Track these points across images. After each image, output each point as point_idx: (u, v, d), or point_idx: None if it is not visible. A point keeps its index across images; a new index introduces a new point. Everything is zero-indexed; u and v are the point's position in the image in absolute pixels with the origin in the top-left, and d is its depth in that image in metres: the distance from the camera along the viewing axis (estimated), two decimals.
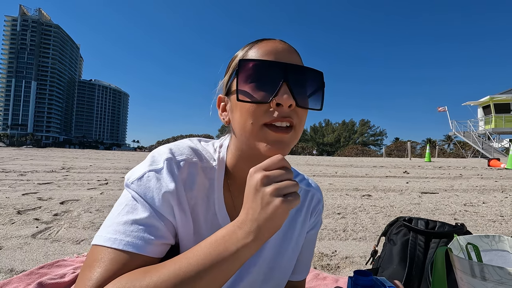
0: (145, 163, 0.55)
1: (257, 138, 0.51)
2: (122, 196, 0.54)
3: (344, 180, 5.91)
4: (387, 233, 1.16)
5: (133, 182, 0.53)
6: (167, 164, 0.54)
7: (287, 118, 0.50)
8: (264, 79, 0.49)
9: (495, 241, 0.76)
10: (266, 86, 0.49)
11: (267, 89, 0.49)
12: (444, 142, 47.71)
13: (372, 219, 2.71)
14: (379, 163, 12.81)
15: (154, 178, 0.53)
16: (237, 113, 0.53)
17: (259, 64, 0.50)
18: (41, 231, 2.10)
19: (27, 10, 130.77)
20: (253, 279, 0.63)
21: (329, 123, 64.47)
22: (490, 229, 2.46)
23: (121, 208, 0.51)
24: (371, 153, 36.58)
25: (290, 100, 0.48)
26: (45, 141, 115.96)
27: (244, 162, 0.58)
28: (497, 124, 18.96)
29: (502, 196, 4.15)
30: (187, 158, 0.57)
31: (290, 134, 0.51)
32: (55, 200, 3.24)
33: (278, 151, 0.50)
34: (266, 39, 0.56)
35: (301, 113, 0.52)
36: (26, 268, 1.50)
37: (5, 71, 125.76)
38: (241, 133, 0.53)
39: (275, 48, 0.53)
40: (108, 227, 0.49)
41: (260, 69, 0.50)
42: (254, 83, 0.50)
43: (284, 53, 0.53)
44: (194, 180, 0.56)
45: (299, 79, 0.51)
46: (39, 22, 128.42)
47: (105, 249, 0.47)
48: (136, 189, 0.52)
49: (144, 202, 0.51)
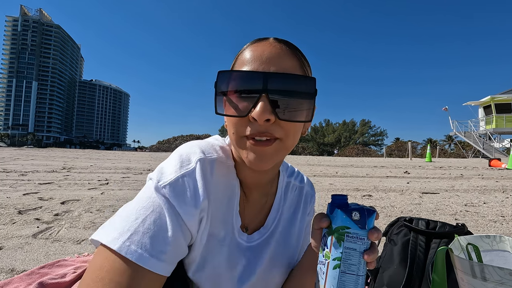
0: (174, 164, 0.50)
1: (240, 148, 0.49)
2: (145, 199, 0.47)
3: (344, 180, 5.91)
4: (387, 233, 1.16)
5: (165, 186, 0.47)
6: (200, 165, 0.50)
7: (264, 133, 0.46)
8: (244, 90, 0.45)
9: (496, 242, 0.76)
10: (245, 99, 0.45)
11: (247, 101, 0.45)
12: (445, 142, 47.64)
13: None
14: (380, 163, 12.79)
15: (188, 185, 0.48)
16: (226, 121, 0.51)
17: (237, 75, 0.46)
18: (42, 231, 2.10)
19: (28, 10, 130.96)
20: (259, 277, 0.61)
21: (330, 123, 64.39)
22: (491, 230, 2.45)
23: (147, 213, 0.45)
24: (372, 153, 36.52)
25: (265, 115, 0.44)
26: (46, 141, 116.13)
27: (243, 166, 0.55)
28: (498, 124, 18.93)
29: (503, 196, 4.14)
30: (218, 158, 0.53)
31: (274, 146, 0.48)
32: (56, 200, 3.24)
33: (260, 164, 0.47)
34: (260, 40, 0.51)
35: (287, 126, 0.47)
36: (27, 268, 1.50)
37: (6, 71, 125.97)
38: (231, 141, 0.52)
39: (262, 52, 0.48)
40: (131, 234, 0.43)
41: (238, 80, 0.46)
42: (233, 95, 0.46)
43: (272, 59, 0.47)
44: (223, 181, 0.53)
45: (283, 89, 0.45)
46: (40, 22, 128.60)
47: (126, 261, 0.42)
48: (169, 194, 0.46)
49: (175, 213, 0.46)
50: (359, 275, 0.43)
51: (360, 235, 0.43)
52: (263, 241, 0.61)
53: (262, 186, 0.60)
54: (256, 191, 0.60)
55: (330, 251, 0.44)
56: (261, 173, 0.56)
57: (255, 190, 0.60)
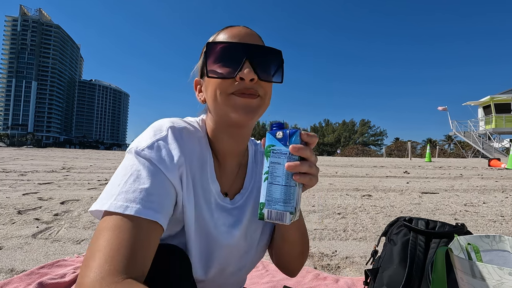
0: (148, 134, 0.56)
1: (226, 105, 0.56)
2: (127, 165, 0.51)
3: (344, 180, 5.91)
4: (387, 233, 1.16)
5: (143, 149, 0.52)
6: (171, 131, 0.56)
7: (250, 89, 0.56)
8: (230, 57, 0.56)
9: (496, 241, 0.76)
10: (231, 64, 0.55)
11: (232, 66, 0.55)
12: (444, 142, 47.66)
13: (372, 219, 2.71)
14: (380, 163, 12.80)
15: (164, 146, 0.54)
16: (209, 88, 0.59)
17: (225, 45, 0.56)
18: (41, 231, 2.10)
19: (27, 10, 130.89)
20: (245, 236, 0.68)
21: (329, 123, 64.41)
22: (490, 229, 2.46)
23: (127, 177, 0.50)
24: (372, 153, 36.51)
25: (251, 75, 0.54)
26: (45, 141, 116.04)
27: (221, 133, 0.63)
28: (498, 124, 18.94)
29: (502, 196, 4.15)
30: (186, 126, 0.60)
31: (257, 100, 0.58)
32: (55, 200, 3.24)
33: (246, 115, 0.56)
34: (232, 25, 0.62)
35: (266, 86, 0.58)
36: (27, 268, 1.50)
37: (5, 71, 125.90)
38: (214, 105, 0.59)
39: (239, 32, 0.59)
40: (118, 195, 0.47)
41: (225, 49, 0.56)
42: (221, 61, 0.56)
43: (247, 36, 0.59)
44: (194, 148, 0.59)
45: (260, 57, 0.57)
46: (40, 22, 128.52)
47: (115, 217, 0.45)
48: (148, 155, 0.52)
49: (155, 170, 0.51)
50: (283, 185, 0.49)
51: (283, 151, 0.50)
52: (245, 201, 0.68)
53: (237, 155, 0.67)
54: (231, 160, 0.67)
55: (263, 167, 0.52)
56: (238, 141, 0.64)
57: (230, 159, 0.67)
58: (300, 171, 0.49)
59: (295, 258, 0.72)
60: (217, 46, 0.56)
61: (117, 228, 0.44)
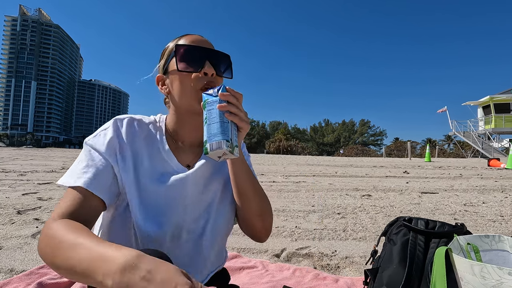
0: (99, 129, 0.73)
1: (194, 98, 0.71)
2: (81, 152, 0.70)
3: (344, 180, 5.91)
4: (387, 233, 1.16)
5: (89, 139, 0.70)
6: (113, 122, 0.72)
7: (212, 83, 0.71)
8: (194, 57, 0.71)
9: (495, 241, 0.76)
10: (196, 62, 0.71)
11: (196, 64, 0.71)
12: (444, 142, 47.71)
13: (372, 219, 2.71)
14: (379, 163, 12.81)
15: (103, 134, 0.70)
16: (176, 82, 0.73)
17: (190, 47, 0.72)
18: (41, 231, 2.10)
19: (27, 10, 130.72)
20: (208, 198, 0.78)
21: (329, 123, 64.40)
22: (490, 229, 2.46)
23: (78, 160, 0.68)
24: (371, 153, 36.51)
25: (211, 70, 0.71)
26: (45, 141, 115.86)
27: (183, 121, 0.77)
28: (497, 124, 18.96)
29: (502, 196, 4.15)
30: (130, 117, 0.75)
31: None
32: (55, 200, 3.24)
33: None
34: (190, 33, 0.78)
35: (220, 81, 0.75)
36: (26, 268, 1.50)
37: (5, 71, 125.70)
38: (182, 96, 0.73)
39: (198, 39, 0.76)
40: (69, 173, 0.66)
41: (191, 51, 0.72)
42: (188, 60, 0.71)
43: (204, 42, 0.76)
44: (137, 130, 0.74)
45: (216, 58, 0.73)
46: (39, 22, 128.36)
47: (67, 189, 0.64)
48: (90, 143, 0.69)
49: (94, 151, 0.68)
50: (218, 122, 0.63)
51: (214, 99, 0.64)
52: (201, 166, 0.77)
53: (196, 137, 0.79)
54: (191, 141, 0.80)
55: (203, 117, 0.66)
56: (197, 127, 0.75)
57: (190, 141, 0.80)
58: (229, 110, 0.64)
59: (256, 218, 0.79)
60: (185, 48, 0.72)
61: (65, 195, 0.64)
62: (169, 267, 0.42)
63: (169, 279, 0.40)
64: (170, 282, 0.39)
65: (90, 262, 0.45)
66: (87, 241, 0.49)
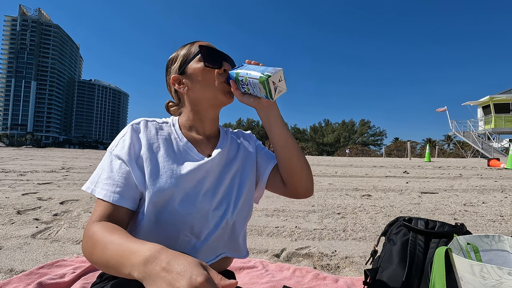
0: (117, 136, 0.78)
1: (219, 90, 0.81)
2: (105, 158, 0.74)
3: (344, 180, 5.91)
4: (387, 233, 1.16)
5: (113, 149, 0.74)
6: (130, 128, 0.78)
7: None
8: (216, 57, 0.83)
9: (495, 241, 0.76)
10: (217, 61, 0.83)
11: (218, 62, 0.83)
12: (444, 142, 47.70)
13: (372, 219, 2.71)
14: (379, 163, 12.80)
15: (122, 141, 0.75)
16: (200, 78, 0.81)
17: (212, 49, 0.83)
18: (41, 231, 2.10)
19: (27, 10, 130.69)
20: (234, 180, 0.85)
21: (329, 123, 64.41)
22: (490, 229, 2.46)
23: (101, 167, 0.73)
24: (371, 153, 36.51)
25: (230, 68, 0.83)
26: (45, 141, 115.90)
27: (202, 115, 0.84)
28: (497, 124, 18.96)
29: (502, 196, 4.15)
30: (144, 119, 0.81)
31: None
32: (55, 200, 3.24)
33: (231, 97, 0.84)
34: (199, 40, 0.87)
35: None
36: (26, 268, 1.50)
37: (5, 71, 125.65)
38: (206, 89, 0.81)
39: (209, 44, 0.86)
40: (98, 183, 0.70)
41: (213, 51, 0.83)
42: (211, 59, 0.82)
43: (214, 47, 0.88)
44: (153, 130, 0.80)
45: (227, 59, 0.86)
46: (39, 22, 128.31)
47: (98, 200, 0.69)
48: (112, 152, 0.73)
49: (116, 160, 0.72)
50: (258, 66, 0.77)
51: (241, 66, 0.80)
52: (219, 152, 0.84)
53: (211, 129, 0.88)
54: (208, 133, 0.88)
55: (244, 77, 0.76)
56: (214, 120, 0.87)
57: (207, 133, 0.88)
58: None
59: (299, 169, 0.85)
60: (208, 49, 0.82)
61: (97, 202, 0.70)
62: (187, 259, 0.46)
63: (185, 270, 0.44)
64: (187, 272, 0.43)
65: (120, 257, 0.52)
66: (117, 239, 0.56)
